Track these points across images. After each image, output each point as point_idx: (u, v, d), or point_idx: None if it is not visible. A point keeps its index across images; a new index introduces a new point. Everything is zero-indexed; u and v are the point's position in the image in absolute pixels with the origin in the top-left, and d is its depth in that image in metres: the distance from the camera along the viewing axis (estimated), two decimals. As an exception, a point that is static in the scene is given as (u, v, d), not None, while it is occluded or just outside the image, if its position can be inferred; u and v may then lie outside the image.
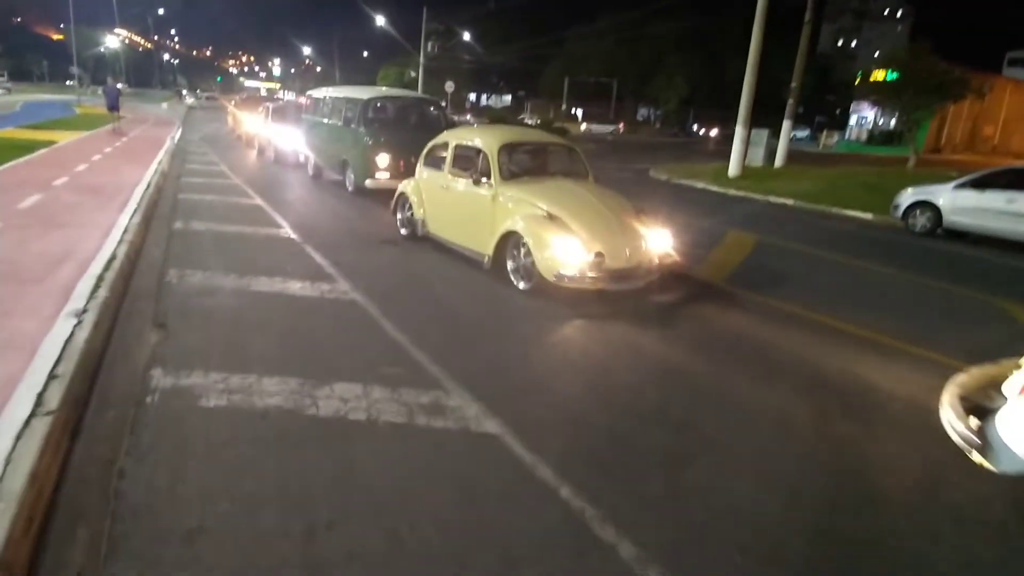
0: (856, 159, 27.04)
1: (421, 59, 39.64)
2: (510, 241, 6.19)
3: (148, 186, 10.21)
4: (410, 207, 7.94)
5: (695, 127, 48.07)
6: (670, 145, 40.54)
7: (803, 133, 46.39)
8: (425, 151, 7.89)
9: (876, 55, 64.21)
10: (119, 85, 24.83)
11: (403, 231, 8.11)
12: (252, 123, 19.44)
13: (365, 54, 64.77)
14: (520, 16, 50.15)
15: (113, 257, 5.80)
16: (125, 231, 6.91)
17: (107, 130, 20.71)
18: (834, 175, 18.23)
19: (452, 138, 7.47)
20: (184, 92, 70.98)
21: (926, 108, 18.80)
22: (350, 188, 11.37)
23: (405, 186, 8.16)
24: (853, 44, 63.41)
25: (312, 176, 13.32)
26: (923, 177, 17.42)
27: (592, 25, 42.23)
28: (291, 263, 6.52)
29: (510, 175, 6.67)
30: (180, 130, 24.26)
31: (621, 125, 46.58)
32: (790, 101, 20.81)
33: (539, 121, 37.32)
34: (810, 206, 13.88)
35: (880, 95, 19.57)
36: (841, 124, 42.42)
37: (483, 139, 6.98)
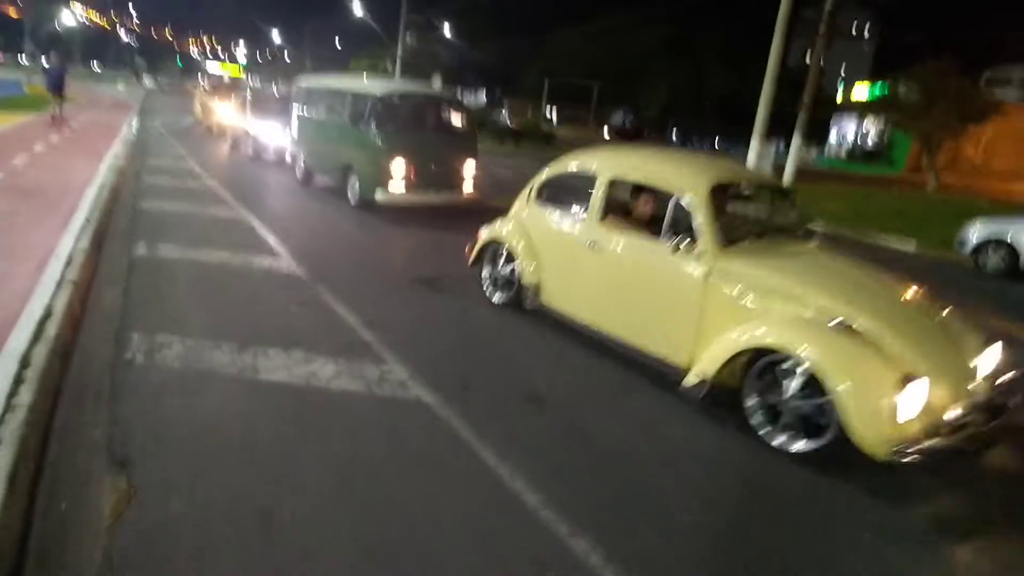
0: (843, 177, 26.05)
1: (399, 51, 37.43)
2: (763, 362, 3.51)
3: (101, 188, 8.12)
4: (511, 263, 5.29)
5: (674, 135, 47.12)
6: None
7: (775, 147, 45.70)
8: (541, 181, 5.20)
9: (842, 72, 64.90)
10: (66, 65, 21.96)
11: (496, 296, 5.44)
12: (225, 113, 17.19)
13: (337, 43, 61.77)
14: (503, 13, 48.39)
15: (47, 315, 3.86)
16: (68, 263, 4.95)
17: (46, 118, 16.33)
18: (852, 196, 17.01)
19: (606, 166, 4.66)
20: (143, 74, 66.49)
21: (950, 130, 17.75)
22: (353, 201, 9.26)
23: (499, 231, 5.41)
24: (821, 61, 63.55)
25: (301, 181, 11.14)
26: (951, 204, 16.47)
27: (576, 27, 40.64)
28: (306, 320, 4.71)
29: (730, 238, 3.99)
30: (139, 117, 21.60)
31: (606, 129, 45.23)
32: (801, 115, 19.59)
33: (519, 122, 35.67)
34: (846, 232, 12.55)
35: (898, 115, 18.43)
36: (818, 140, 41.96)
37: (677, 173, 4.33)
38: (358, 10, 36.78)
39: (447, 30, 41.47)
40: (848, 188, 19.81)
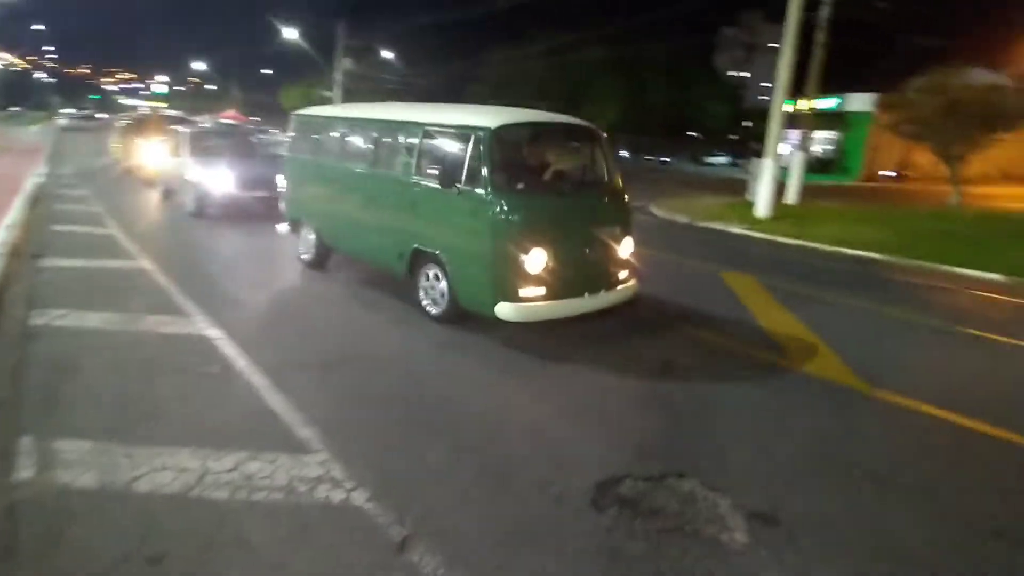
0: (816, 190, 24.88)
1: (337, 76, 34.42)
2: None
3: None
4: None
5: (621, 152, 45.71)
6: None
7: (722, 159, 45.08)
8: None
9: (765, 84, 65.89)
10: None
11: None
12: (153, 154, 13.89)
13: (267, 70, 57.56)
14: (444, 35, 45.91)
15: None
16: None
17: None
18: (871, 217, 15.21)
19: None
20: (58, 112, 60.01)
21: (968, 139, 16.31)
22: (436, 310, 5.55)
23: None
24: (745, 75, 64.28)
25: (310, 262, 7.28)
26: (992, 221, 15.02)
27: (520, 48, 38.57)
28: None
29: None
30: (48, 163, 17.86)
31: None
32: (803, 129, 18.03)
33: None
34: (905, 261, 10.58)
35: (913, 124, 16.85)
36: (757, 152, 41.23)
37: None
38: (290, 34, 33.44)
39: (387, 53, 38.66)
40: (851, 206, 18.21)
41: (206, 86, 68.68)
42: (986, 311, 7.64)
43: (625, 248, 5.62)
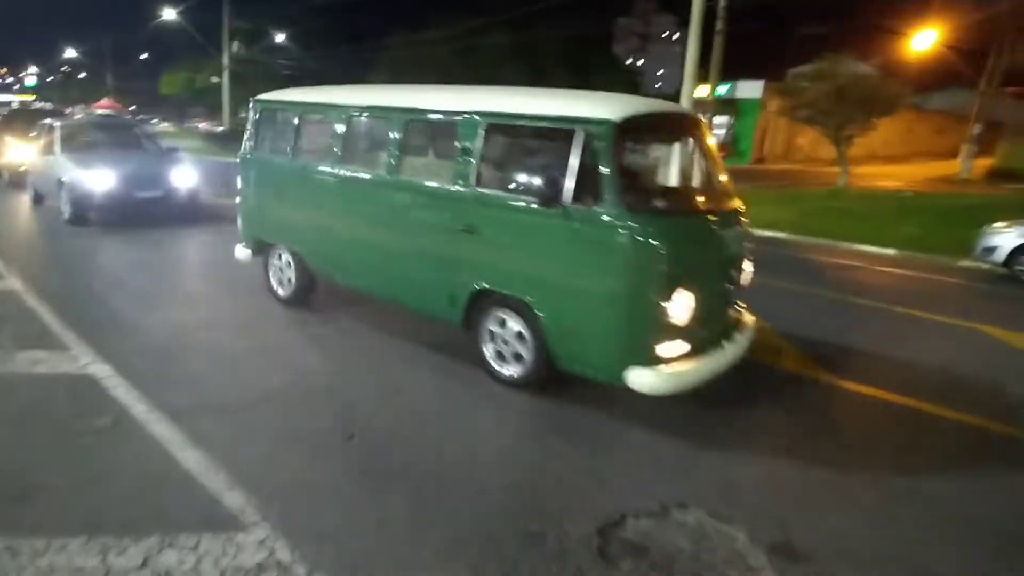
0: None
1: (225, 60, 31.78)
2: None
3: None
4: None
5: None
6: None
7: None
8: None
9: (660, 73, 67.97)
10: None
11: None
12: (18, 152, 11.98)
13: (144, 57, 52.19)
14: (340, 18, 43.56)
15: None
16: None
17: None
18: (777, 198, 15.71)
19: None
20: None
21: (856, 123, 17.22)
22: (511, 372, 4.11)
23: None
24: (640, 63, 65.93)
25: (287, 296, 5.60)
26: (881, 200, 15.79)
27: (420, 32, 37.31)
28: None
29: None
30: None
31: None
32: (708, 116, 18.24)
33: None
34: (811, 240, 10.99)
35: (806, 109, 17.56)
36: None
37: None
38: (170, 15, 30.51)
39: (280, 37, 36.20)
40: (752, 188, 18.78)
41: (79, 75, 61.53)
42: (926, 293, 7.89)
43: (749, 274, 4.32)
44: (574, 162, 3.58)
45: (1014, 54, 21.58)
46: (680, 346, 3.61)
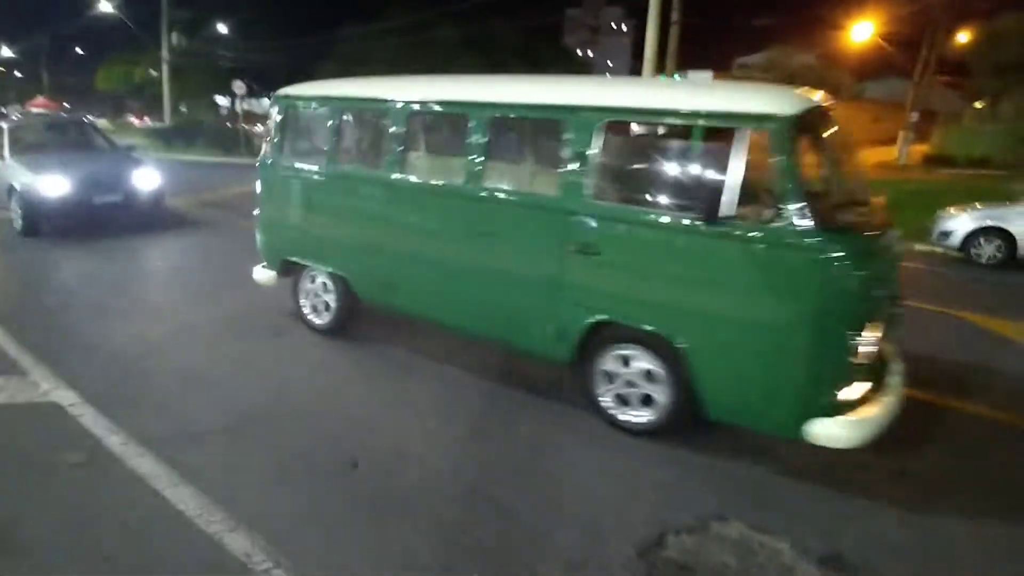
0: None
1: (164, 53, 30.22)
2: None
3: None
4: None
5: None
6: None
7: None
8: None
9: (610, 64, 68.32)
10: None
11: None
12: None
13: (80, 51, 48.97)
14: (286, 9, 41.90)
15: None
16: None
17: None
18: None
19: None
20: None
21: None
22: (639, 419, 3.43)
23: None
24: (591, 55, 66.11)
25: (325, 326, 4.79)
26: None
27: (371, 23, 36.31)
28: None
29: None
30: None
31: None
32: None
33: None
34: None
35: None
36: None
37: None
38: (106, 6, 28.76)
39: (222, 28, 34.65)
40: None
41: (16, 74, 57.33)
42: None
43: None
44: (736, 168, 2.90)
45: (945, 45, 22.51)
46: (861, 387, 2.97)
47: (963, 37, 22.61)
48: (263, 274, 5.10)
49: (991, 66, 19.79)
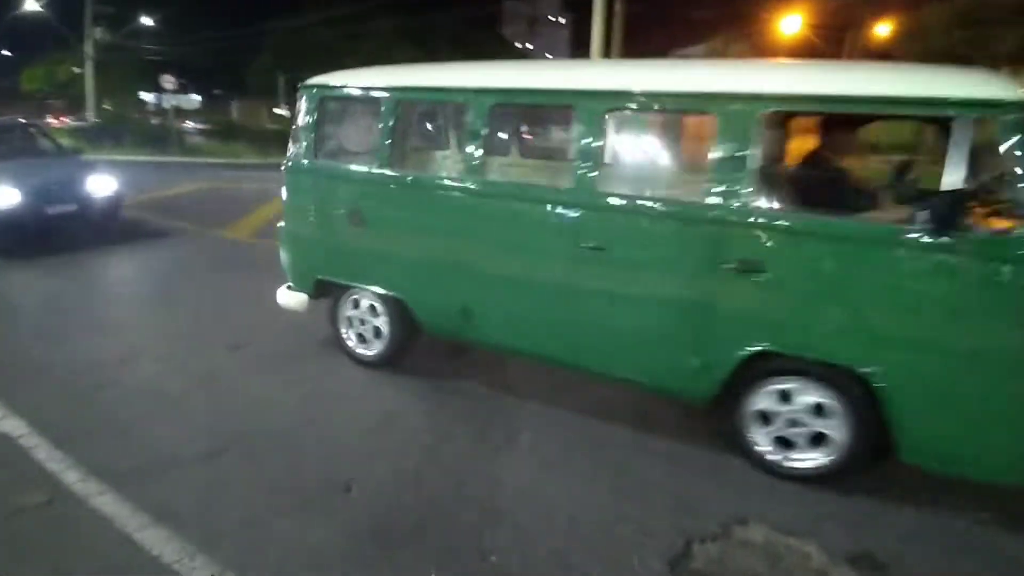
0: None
1: (88, 48, 28.29)
2: None
3: None
4: None
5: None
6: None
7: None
8: None
9: (549, 56, 68.38)
10: None
11: None
12: None
13: (5, 53, 45.31)
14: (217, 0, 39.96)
15: None
16: None
17: None
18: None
19: None
20: None
21: None
22: (805, 464, 2.88)
23: None
24: (530, 47, 65.98)
25: (376, 358, 4.03)
26: None
27: (305, 14, 35.06)
28: None
29: None
30: None
31: None
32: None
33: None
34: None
35: None
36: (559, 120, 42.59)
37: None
38: (32, 4, 26.58)
39: (148, 21, 32.68)
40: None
41: None
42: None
43: None
44: (962, 165, 2.44)
45: (868, 38, 23.51)
46: None
47: (884, 29, 23.66)
48: (290, 297, 4.25)
49: (915, 58, 20.80)
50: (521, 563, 2.37)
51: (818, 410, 2.82)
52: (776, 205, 2.80)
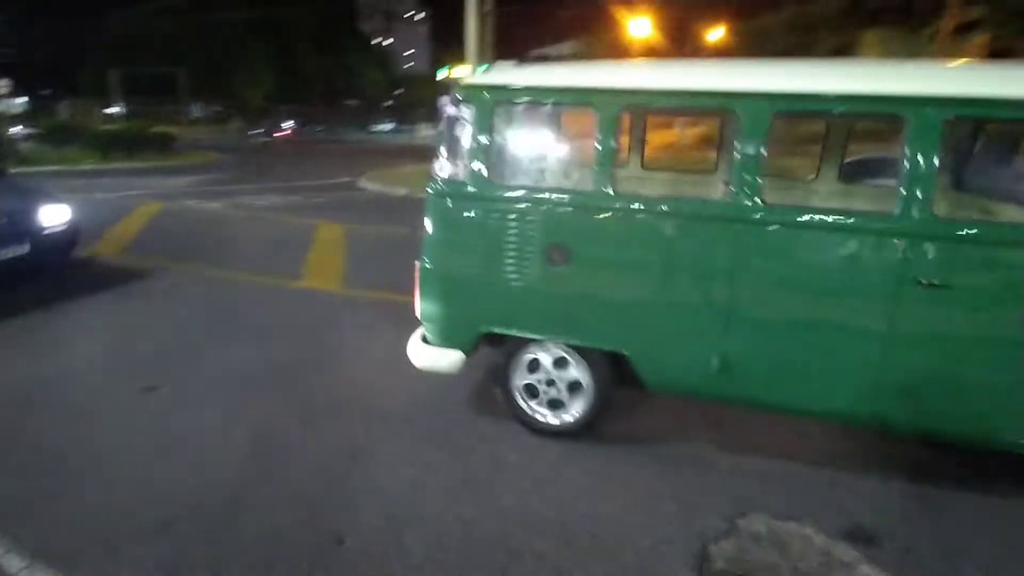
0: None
1: None
2: None
3: None
4: None
5: (290, 124, 40.76)
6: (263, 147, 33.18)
7: (387, 126, 44.71)
8: None
9: (409, 52, 67.11)
10: None
11: None
12: None
13: None
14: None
15: None
16: None
17: None
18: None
19: None
20: None
21: None
22: None
23: None
24: (389, 43, 64.37)
25: (570, 427, 3.24)
26: None
27: (144, 5, 31.47)
28: None
29: None
30: None
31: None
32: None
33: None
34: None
35: None
36: (428, 117, 42.00)
37: None
38: None
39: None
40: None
41: None
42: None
43: None
44: None
45: (704, 40, 25.68)
46: None
47: (719, 32, 25.89)
48: (436, 357, 3.32)
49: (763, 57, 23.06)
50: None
51: None
52: None
